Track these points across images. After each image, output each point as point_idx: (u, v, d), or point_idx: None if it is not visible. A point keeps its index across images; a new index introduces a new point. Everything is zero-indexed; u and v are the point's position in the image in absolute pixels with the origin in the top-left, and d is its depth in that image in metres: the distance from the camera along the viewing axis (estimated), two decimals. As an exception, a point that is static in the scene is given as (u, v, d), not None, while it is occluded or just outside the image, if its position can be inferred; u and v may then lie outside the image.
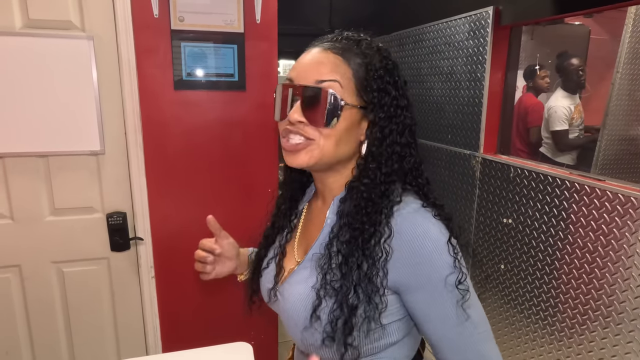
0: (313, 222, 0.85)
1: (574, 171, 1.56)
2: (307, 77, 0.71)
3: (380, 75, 0.72)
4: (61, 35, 1.46)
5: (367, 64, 0.72)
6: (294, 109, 0.71)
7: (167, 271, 1.74)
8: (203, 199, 1.72)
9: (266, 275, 0.87)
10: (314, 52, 0.73)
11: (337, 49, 0.72)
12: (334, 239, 0.72)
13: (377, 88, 0.72)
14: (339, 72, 0.71)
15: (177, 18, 1.54)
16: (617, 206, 1.32)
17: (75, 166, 1.58)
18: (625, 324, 1.32)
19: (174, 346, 1.75)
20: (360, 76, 0.71)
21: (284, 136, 0.74)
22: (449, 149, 2.14)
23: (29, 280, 1.63)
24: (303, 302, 0.73)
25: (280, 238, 0.89)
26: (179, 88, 1.60)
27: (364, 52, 0.72)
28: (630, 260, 1.30)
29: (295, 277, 0.79)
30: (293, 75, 0.74)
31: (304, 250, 0.82)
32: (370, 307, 0.68)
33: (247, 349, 1.22)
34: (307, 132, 0.71)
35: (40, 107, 1.49)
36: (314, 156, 0.72)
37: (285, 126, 0.73)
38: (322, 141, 0.71)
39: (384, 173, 0.72)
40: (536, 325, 1.69)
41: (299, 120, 0.71)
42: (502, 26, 1.80)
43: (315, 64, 0.72)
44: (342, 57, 0.72)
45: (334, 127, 0.70)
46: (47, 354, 1.71)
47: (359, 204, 0.71)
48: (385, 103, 0.72)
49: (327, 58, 0.72)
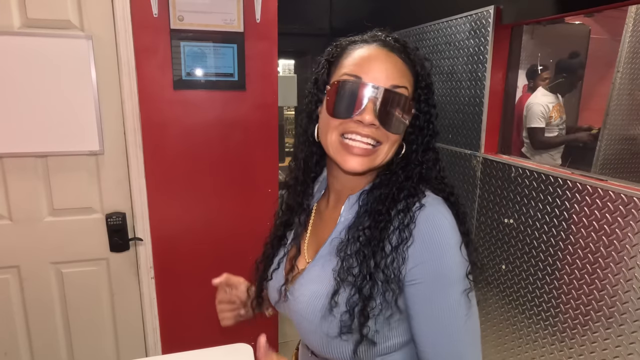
0: (323, 222, 0.84)
1: (575, 171, 1.55)
2: (380, 79, 0.69)
3: (428, 84, 0.74)
4: (60, 34, 1.45)
5: (417, 72, 0.73)
6: (368, 110, 0.68)
7: (166, 272, 1.73)
8: (203, 199, 1.71)
9: (275, 276, 0.86)
10: (378, 51, 0.71)
11: (399, 52, 0.72)
12: (353, 227, 0.73)
13: (425, 99, 0.73)
14: (406, 78, 0.71)
15: (177, 17, 1.54)
16: (620, 206, 1.31)
17: (74, 166, 1.57)
18: (627, 324, 1.32)
19: (173, 347, 1.74)
20: (413, 83, 0.73)
21: (347, 136, 0.70)
22: (449, 149, 2.13)
23: (28, 281, 1.62)
24: (318, 297, 0.73)
25: (289, 239, 0.88)
26: (178, 88, 1.59)
27: (413, 59, 0.73)
28: (632, 260, 1.29)
29: (305, 277, 0.78)
30: (360, 73, 0.70)
31: (314, 250, 0.82)
32: (388, 293, 0.68)
33: (247, 350, 1.22)
34: (377, 135, 0.70)
35: (39, 107, 1.48)
36: (374, 163, 0.71)
37: (352, 128, 0.70)
38: (387, 147, 0.71)
39: (421, 174, 0.74)
40: (538, 325, 1.68)
41: (372, 123, 0.68)
42: (503, 25, 1.79)
43: (388, 66, 0.70)
44: (403, 61, 0.71)
45: (401, 133, 0.71)
46: (46, 355, 1.70)
47: (388, 193, 0.72)
48: (428, 112, 0.74)
49: (396, 62, 0.71)
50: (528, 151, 3.05)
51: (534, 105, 2.90)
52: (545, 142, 2.92)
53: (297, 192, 0.86)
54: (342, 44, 0.77)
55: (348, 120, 0.70)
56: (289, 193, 0.89)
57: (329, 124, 0.72)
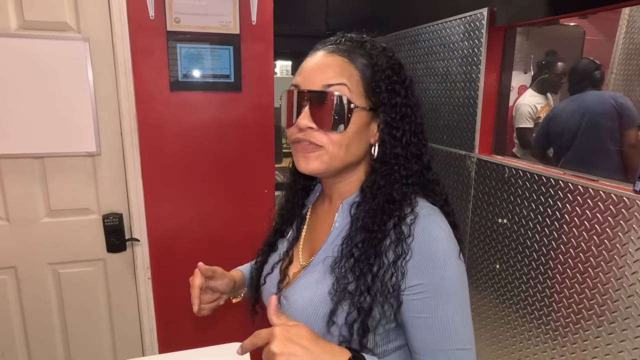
0: (318, 226, 0.83)
1: (567, 171, 1.57)
2: (314, 82, 0.70)
3: (387, 75, 0.71)
4: (57, 36, 1.46)
5: (373, 64, 0.71)
6: (303, 115, 0.69)
7: (163, 272, 1.74)
8: (199, 200, 1.72)
9: (270, 280, 0.86)
10: (319, 56, 0.72)
11: (342, 51, 0.71)
12: (346, 242, 0.71)
13: (386, 89, 0.71)
14: (346, 75, 0.70)
15: (173, 19, 1.55)
16: (610, 206, 1.33)
17: (71, 167, 1.58)
18: (618, 322, 1.33)
19: (170, 347, 1.75)
20: (368, 77, 0.71)
21: (293, 143, 0.73)
22: (444, 150, 2.15)
23: (25, 282, 1.63)
24: (314, 307, 0.72)
25: (284, 243, 0.88)
26: (175, 89, 1.60)
27: (369, 53, 0.72)
28: (623, 259, 1.31)
29: (301, 282, 0.77)
30: (299, 81, 0.72)
31: (309, 254, 0.81)
32: (387, 308, 0.67)
33: (243, 349, 1.23)
34: (316, 138, 0.70)
35: (36, 109, 1.49)
36: (324, 162, 0.71)
37: (295, 134, 0.72)
38: (331, 148, 0.70)
39: (403, 175, 0.72)
40: (531, 324, 1.70)
41: (308, 126, 0.69)
42: (497, 27, 1.81)
43: (322, 67, 0.70)
44: (348, 59, 0.71)
45: (344, 131, 0.69)
46: (43, 355, 1.71)
47: (377, 206, 0.70)
48: (396, 103, 0.72)
49: (334, 61, 0.70)
50: (518, 151, 3.07)
51: (522, 106, 2.92)
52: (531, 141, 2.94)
53: (289, 201, 0.89)
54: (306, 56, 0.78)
55: (293, 128, 0.72)
56: (284, 202, 0.91)
57: (287, 137, 0.75)
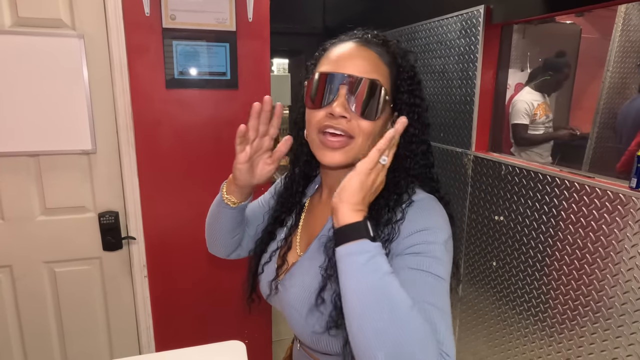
0: (317, 216, 0.85)
1: (564, 169, 1.57)
2: (353, 70, 0.70)
3: (410, 76, 0.75)
4: (51, 33, 1.45)
5: (398, 64, 0.74)
6: (338, 102, 0.69)
7: (160, 270, 1.74)
8: (196, 198, 1.72)
9: (267, 269, 0.88)
10: (352, 47, 0.73)
11: (373, 46, 0.73)
12: None
13: (408, 90, 0.74)
14: (380, 70, 0.72)
15: (169, 16, 1.54)
16: (606, 203, 1.34)
17: (67, 165, 1.57)
18: (614, 319, 1.34)
19: (167, 345, 1.75)
20: (393, 75, 0.74)
21: (321, 131, 0.72)
22: (441, 147, 2.15)
23: (21, 281, 1.62)
24: (307, 289, 0.74)
25: (282, 232, 0.90)
26: (170, 87, 1.59)
27: (394, 53, 0.74)
28: (619, 256, 1.31)
29: (297, 269, 0.80)
30: (332, 68, 0.71)
31: (306, 243, 0.83)
32: None
33: (240, 347, 1.23)
34: (347, 127, 0.70)
35: (31, 106, 1.47)
36: (349, 156, 0.72)
37: (325, 121, 0.71)
38: (361, 139, 0.71)
39: (410, 168, 0.75)
40: (527, 321, 1.70)
41: (342, 115, 0.69)
42: (493, 25, 1.81)
43: (357, 58, 0.71)
44: (379, 55, 0.73)
45: (375, 121, 0.71)
46: (39, 354, 1.70)
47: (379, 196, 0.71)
48: (413, 103, 0.75)
49: (369, 55, 0.72)
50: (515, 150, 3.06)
51: (518, 102, 2.91)
52: (527, 138, 2.93)
53: (289, 189, 0.90)
54: (325, 47, 0.79)
55: (323, 116, 0.71)
56: (283, 189, 0.92)
57: (310, 121, 0.74)
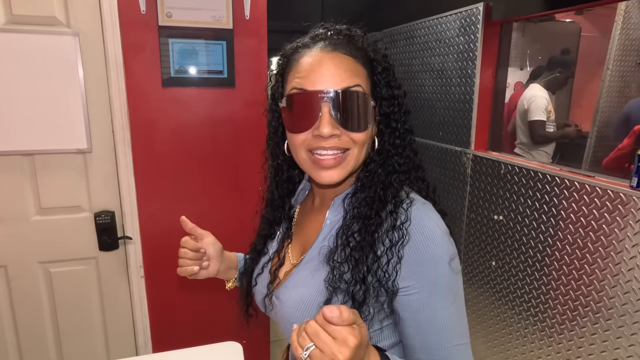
0: (309, 225, 0.82)
1: (564, 167, 1.56)
2: (330, 83, 0.65)
3: (385, 67, 0.71)
4: (46, 31, 1.43)
5: (371, 60, 0.70)
6: (324, 122, 0.65)
7: (156, 270, 1.72)
8: (192, 197, 1.70)
9: (261, 281, 0.84)
10: (322, 56, 0.67)
11: (342, 48, 0.68)
12: (342, 232, 0.71)
13: (385, 83, 0.70)
14: (357, 73, 0.67)
15: (165, 14, 1.52)
16: (607, 202, 1.33)
17: (62, 165, 1.55)
18: (614, 319, 1.33)
19: (164, 346, 1.73)
20: (370, 73, 0.70)
21: (314, 152, 0.68)
22: (440, 146, 2.14)
23: (16, 281, 1.61)
24: (305, 303, 0.71)
25: (272, 243, 0.87)
26: (167, 85, 1.58)
27: (364, 48, 0.70)
28: (619, 256, 1.30)
29: (292, 280, 0.76)
30: (305, 84, 0.66)
31: (300, 252, 0.80)
32: (381, 298, 0.66)
33: (236, 348, 1.22)
34: (342, 144, 0.67)
35: (25, 105, 1.46)
36: (348, 169, 0.69)
37: (316, 143, 0.67)
38: (356, 151, 0.68)
39: (400, 163, 0.72)
40: (527, 321, 1.69)
41: (332, 134, 0.65)
42: (493, 22, 1.80)
43: (332, 67, 0.66)
44: (351, 56, 0.68)
45: (367, 130, 0.68)
46: (34, 355, 1.69)
47: (374, 194, 0.70)
48: (393, 95, 0.71)
49: (341, 60, 0.67)
50: (524, 148, 2.93)
51: (537, 98, 2.75)
52: (545, 136, 2.80)
53: (275, 206, 0.86)
54: (286, 53, 0.73)
55: (310, 138, 0.68)
56: (267, 207, 0.88)
57: (294, 142, 0.70)
